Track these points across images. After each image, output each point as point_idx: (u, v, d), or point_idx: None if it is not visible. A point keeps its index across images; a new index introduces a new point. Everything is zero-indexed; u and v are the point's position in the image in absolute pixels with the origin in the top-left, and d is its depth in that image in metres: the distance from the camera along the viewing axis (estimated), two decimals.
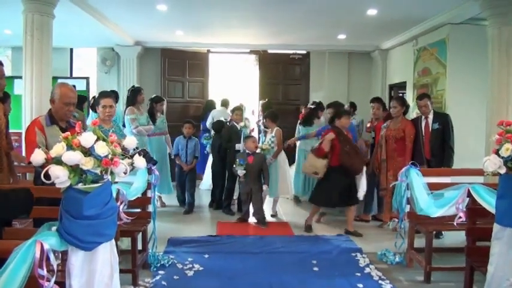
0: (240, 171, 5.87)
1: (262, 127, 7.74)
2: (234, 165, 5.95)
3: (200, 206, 6.90)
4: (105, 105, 4.53)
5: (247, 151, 6.02)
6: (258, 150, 6.12)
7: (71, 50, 9.61)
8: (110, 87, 8.27)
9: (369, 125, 7.45)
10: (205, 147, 7.54)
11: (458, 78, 6.62)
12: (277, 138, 6.45)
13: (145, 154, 3.58)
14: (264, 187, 6.03)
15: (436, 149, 5.37)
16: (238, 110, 6.78)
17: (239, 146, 6.39)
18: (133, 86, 6.72)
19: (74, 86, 3.83)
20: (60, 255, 2.49)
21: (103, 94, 4.75)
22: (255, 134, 7.56)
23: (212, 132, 7.26)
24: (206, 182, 8.01)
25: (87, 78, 9.41)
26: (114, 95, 5.18)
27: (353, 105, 8.41)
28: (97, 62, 9.32)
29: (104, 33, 7.66)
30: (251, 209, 6.14)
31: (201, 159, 7.96)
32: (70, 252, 2.48)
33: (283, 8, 6.35)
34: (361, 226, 5.95)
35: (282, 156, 6.56)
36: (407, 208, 4.32)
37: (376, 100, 6.53)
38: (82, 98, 7.49)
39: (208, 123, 8.09)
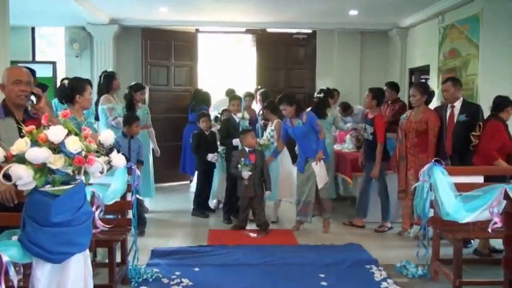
0: (246, 173, 5.85)
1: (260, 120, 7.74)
2: (239, 165, 5.91)
3: (189, 212, 6.89)
4: (91, 93, 4.58)
5: (246, 148, 6.02)
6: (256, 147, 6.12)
7: (33, 29, 9.57)
8: (82, 73, 8.23)
9: None
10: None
11: (493, 61, 6.59)
12: (277, 132, 6.45)
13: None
14: (267, 193, 6.04)
15: (458, 145, 5.33)
16: (236, 99, 6.76)
17: (237, 142, 6.36)
18: (105, 71, 6.70)
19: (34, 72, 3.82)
20: (22, 268, 2.49)
21: (85, 80, 4.74)
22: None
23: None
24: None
25: (53, 63, 9.37)
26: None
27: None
28: (65, 44, 9.29)
29: (73, 9, 7.62)
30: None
31: (190, 159, 7.92)
32: (35, 265, 2.48)
33: None
34: (365, 234, 5.97)
35: (284, 153, 6.56)
36: (431, 213, 4.33)
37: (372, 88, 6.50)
38: (42, 86, 7.44)
39: (213, 116, 8.09)
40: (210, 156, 6.67)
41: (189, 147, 7.88)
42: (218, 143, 7.04)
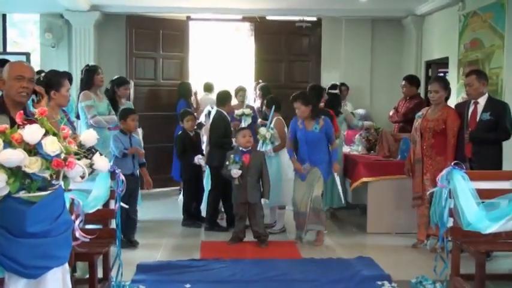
0: (235, 171, 5.86)
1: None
2: (227, 163, 5.92)
3: (179, 221, 6.91)
4: (68, 88, 4.59)
5: (240, 148, 6.05)
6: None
7: (4, 16, 9.56)
8: (59, 66, 8.23)
9: (391, 113, 7.53)
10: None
11: None
12: (279, 130, 6.50)
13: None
14: (263, 201, 6.03)
15: (479, 146, 5.35)
16: (241, 91, 6.80)
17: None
18: (87, 65, 6.72)
19: None
20: None
21: (63, 73, 4.74)
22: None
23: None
24: None
25: (27, 54, 9.37)
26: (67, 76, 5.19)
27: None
28: (40, 33, 9.29)
29: None
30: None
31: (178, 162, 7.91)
32: (7, 281, 2.49)
33: None
34: (377, 246, 5.99)
35: (286, 152, 6.58)
36: (450, 222, 4.34)
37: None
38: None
39: (204, 115, 8.11)
40: (197, 159, 6.69)
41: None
42: (204, 144, 7.06)
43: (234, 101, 7.91)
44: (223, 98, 6.81)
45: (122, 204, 4.26)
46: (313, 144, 6.00)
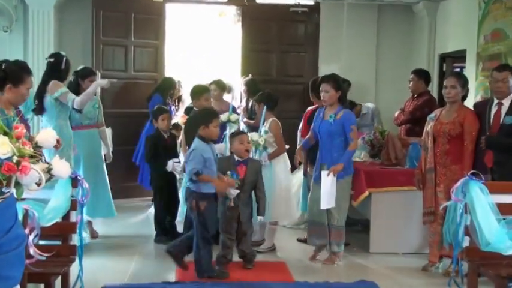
0: (232, 191, 5.62)
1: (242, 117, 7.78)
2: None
3: (151, 237, 6.89)
4: (29, 88, 4.50)
5: (236, 158, 5.94)
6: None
7: None
8: (12, 53, 8.19)
9: (396, 114, 7.58)
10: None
11: None
12: (276, 134, 6.48)
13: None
14: (259, 218, 5.98)
15: (502, 154, 5.34)
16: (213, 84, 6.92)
17: (221, 148, 6.40)
18: (57, 53, 6.65)
19: None
20: None
21: (24, 66, 4.70)
22: None
23: None
24: None
25: None
26: None
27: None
28: None
29: None
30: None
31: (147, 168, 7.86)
32: None
33: None
34: (381, 269, 6.01)
35: (281, 160, 6.61)
36: (466, 242, 4.36)
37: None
38: None
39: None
40: (171, 165, 6.65)
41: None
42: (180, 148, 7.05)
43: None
44: (201, 95, 6.79)
45: (85, 216, 4.25)
46: (325, 138, 6.02)
